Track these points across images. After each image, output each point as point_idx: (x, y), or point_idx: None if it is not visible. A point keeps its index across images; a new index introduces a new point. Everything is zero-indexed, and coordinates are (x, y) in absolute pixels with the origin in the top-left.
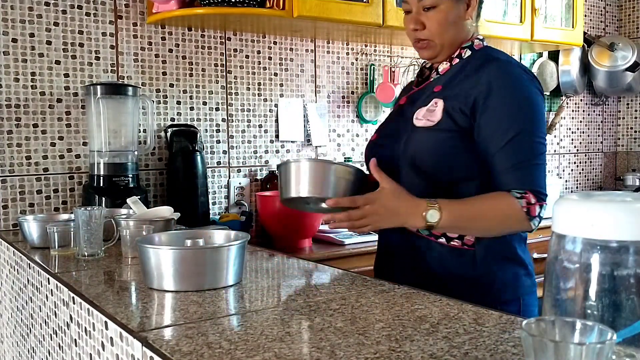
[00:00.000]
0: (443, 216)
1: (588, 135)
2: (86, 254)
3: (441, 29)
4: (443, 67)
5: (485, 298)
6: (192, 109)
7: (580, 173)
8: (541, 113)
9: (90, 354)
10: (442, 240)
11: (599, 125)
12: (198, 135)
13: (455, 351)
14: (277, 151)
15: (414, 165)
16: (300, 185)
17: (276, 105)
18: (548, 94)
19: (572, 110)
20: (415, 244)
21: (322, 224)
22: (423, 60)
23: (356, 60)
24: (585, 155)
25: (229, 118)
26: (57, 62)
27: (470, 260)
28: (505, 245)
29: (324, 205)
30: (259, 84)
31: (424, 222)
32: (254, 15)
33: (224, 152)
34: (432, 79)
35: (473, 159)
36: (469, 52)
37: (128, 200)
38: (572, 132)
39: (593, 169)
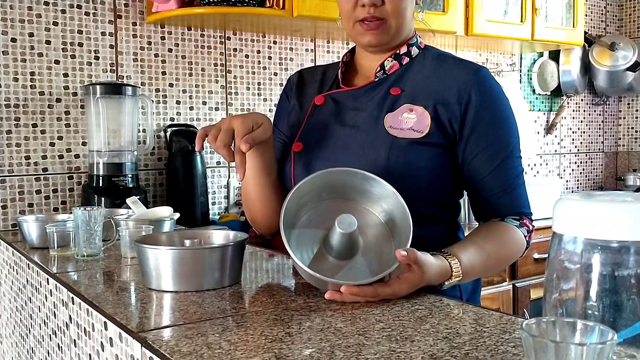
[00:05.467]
0: (463, 280)
1: (589, 135)
2: (85, 254)
3: (400, 9)
4: (389, 65)
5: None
6: (191, 108)
7: (581, 173)
8: (517, 125)
9: (90, 355)
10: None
11: (599, 125)
12: None
13: (455, 352)
14: None
15: (403, 187)
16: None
17: (276, 105)
18: (549, 93)
19: (573, 110)
20: None
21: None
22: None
23: None
24: (586, 155)
25: None
26: (57, 62)
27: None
28: None
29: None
30: (259, 83)
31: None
32: (253, 15)
33: None
34: (376, 78)
35: (458, 178)
36: (416, 50)
37: (127, 201)
38: (573, 132)
39: (594, 169)
